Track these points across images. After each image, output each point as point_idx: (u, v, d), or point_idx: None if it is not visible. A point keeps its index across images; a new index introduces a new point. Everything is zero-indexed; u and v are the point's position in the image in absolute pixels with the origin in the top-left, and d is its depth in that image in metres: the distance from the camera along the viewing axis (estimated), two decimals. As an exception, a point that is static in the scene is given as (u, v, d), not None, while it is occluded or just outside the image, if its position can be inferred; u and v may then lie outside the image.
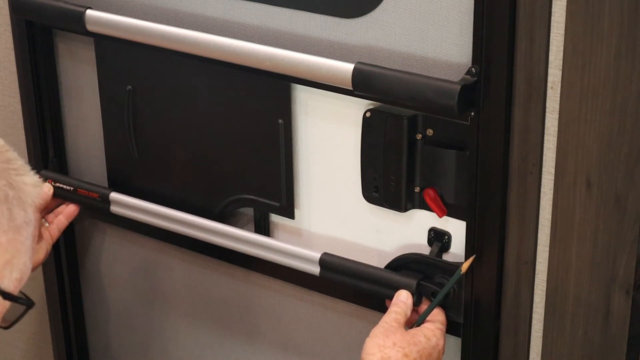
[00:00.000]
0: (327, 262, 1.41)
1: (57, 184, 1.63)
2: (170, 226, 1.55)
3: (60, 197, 1.63)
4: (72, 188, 1.63)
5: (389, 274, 1.37)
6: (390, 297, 1.36)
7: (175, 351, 1.74)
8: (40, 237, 1.58)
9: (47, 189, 1.62)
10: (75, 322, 1.82)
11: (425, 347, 1.28)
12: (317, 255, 1.42)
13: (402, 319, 1.31)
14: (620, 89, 1.15)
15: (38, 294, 1.86)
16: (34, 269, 1.56)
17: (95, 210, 1.63)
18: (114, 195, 1.60)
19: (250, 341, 1.64)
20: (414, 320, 1.34)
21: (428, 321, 1.33)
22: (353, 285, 1.40)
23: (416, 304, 1.35)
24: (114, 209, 1.60)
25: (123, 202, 1.59)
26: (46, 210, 1.63)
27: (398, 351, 1.26)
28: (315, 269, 1.42)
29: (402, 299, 1.34)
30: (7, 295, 1.07)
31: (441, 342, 1.31)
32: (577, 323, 1.28)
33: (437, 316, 1.34)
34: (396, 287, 1.35)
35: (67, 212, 1.64)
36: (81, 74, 1.64)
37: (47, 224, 1.61)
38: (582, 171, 1.21)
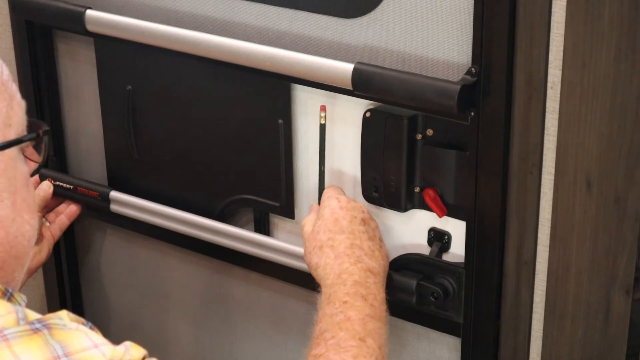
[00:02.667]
0: None
1: (57, 183, 1.63)
2: (170, 225, 1.55)
3: (60, 195, 1.63)
4: (72, 186, 1.63)
5: (389, 274, 1.37)
6: (391, 297, 1.36)
7: (176, 350, 1.74)
8: (41, 236, 1.58)
9: (47, 187, 1.62)
10: (75, 322, 1.82)
11: (329, 220, 1.32)
12: None
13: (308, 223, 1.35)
14: (620, 89, 1.15)
15: (38, 294, 1.86)
16: (36, 268, 1.56)
17: (95, 209, 1.63)
18: (113, 194, 1.60)
19: (250, 341, 1.64)
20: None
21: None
22: None
23: (416, 303, 1.35)
24: (113, 207, 1.60)
25: (123, 201, 1.59)
26: (47, 209, 1.63)
27: (328, 237, 1.30)
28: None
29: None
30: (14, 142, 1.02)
31: (331, 202, 1.33)
32: (577, 323, 1.28)
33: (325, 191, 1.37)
34: (396, 287, 1.35)
35: (69, 211, 1.64)
36: (81, 74, 1.64)
37: (48, 224, 1.61)
38: (582, 171, 1.21)
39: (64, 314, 0.94)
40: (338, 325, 1.20)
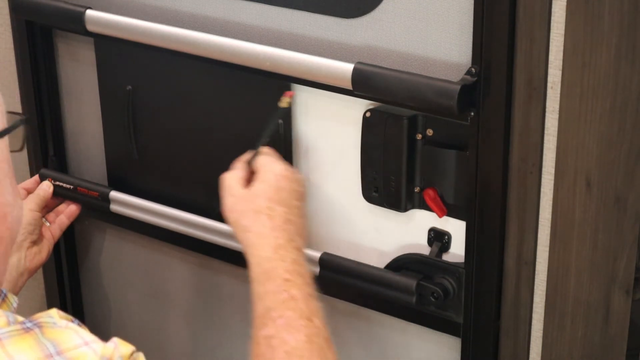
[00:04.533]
0: (327, 262, 1.41)
1: (57, 183, 1.63)
2: (170, 225, 1.55)
3: (60, 195, 1.63)
4: (72, 187, 1.63)
5: (389, 274, 1.37)
6: (390, 297, 1.36)
7: (175, 350, 1.74)
8: (41, 236, 1.58)
9: (47, 187, 1.62)
10: (75, 322, 1.82)
11: (271, 185, 1.29)
12: (317, 255, 1.42)
13: (236, 183, 1.32)
14: (620, 89, 1.15)
15: (38, 294, 1.86)
16: (36, 269, 1.56)
17: (95, 209, 1.63)
18: (113, 194, 1.60)
19: (250, 341, 1.64)
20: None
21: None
22: (353, 285, 1.40)
23: (416, 303, 1.35)
24: (113, 207, 1.60)
25: (123, 201, 1.59)
26: (47, 209, 1.63)
27: (259, 204, 1.28)
28: (315, 269, 1.42)
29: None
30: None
31: (275, 167, 1.31)
32: (577, 323, 1.28)
33: (261, 157, 1.34)
34: (396, 287, 1.35)
35: (69, 211, 1.64)
36: (81, 74, 1.64)
37: (48, 224, 1.61)
38: (582, 171, 1.21)
39: (53, 312, 0.94)
40: (284, 304, 1.19)
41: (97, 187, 1.61)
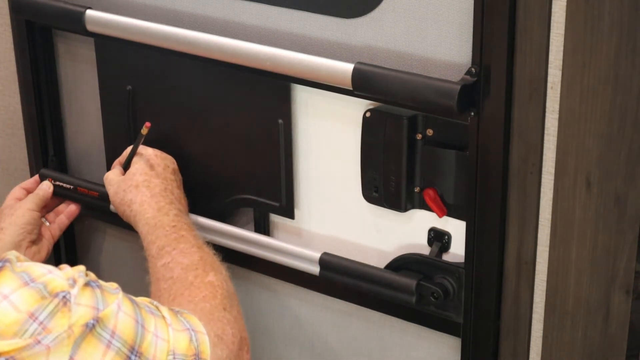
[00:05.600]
0: (327, 262, 1.41)
1: (57, 183, 1.63)
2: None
3: (60, 195, 1.63)
4: (71, 186, 1.63)
5: (389, 274, 1.37)
6: (390, 297, 1.36)
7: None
8: (40, 236, 1.58)
9: (47, 186, 1.62)
10: (75, 322, 1.82)
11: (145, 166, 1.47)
12: (317, 255, 1.42)
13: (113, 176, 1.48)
14: (620, 89, 1.15)
15: (38, 294, 1.86)
16: None
17: (94, 209, 1.63)
18: None
19: (250, 341, 1.64)
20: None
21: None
22: (353, 285, 1.40)
23: (416, 303, 1.35)
24: (113, 207, 1.60)
25: None
26: (46, 209, 1.63)
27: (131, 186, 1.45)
28: (315, 269, 1.42)
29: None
30: None
31: (145, 151, 1.48)
32: (577, 323, 1.28)
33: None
34: (396, 287, 1.35)
35: (69, 211, 1.64)
36: (81, 74, 1.64)
37: (47, 224, 1.61)
38: (582, 171, 1.21)
39: (15, 253, 1.06)
40: (175, 240, 1.36)
41: (97, 187, 1.61)
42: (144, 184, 1.44)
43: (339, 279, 1.41)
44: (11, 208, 1.56)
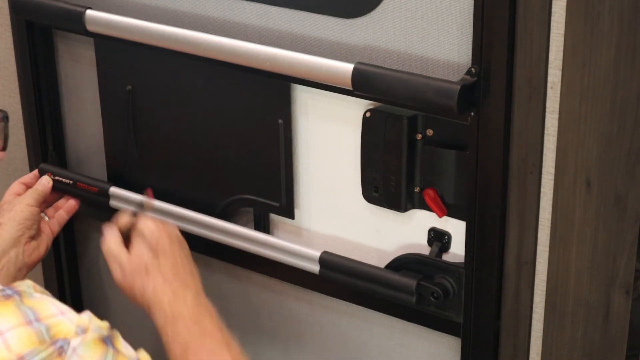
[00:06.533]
0: (327, 261, 1.41)
1: (56, 178, 1.62)
2: (168, 221, 1.53)
3: (59, 190, 1.62)
4: (71, 182, 1.62)
5: (388, 273, 1.37)
6: (390, 297, 1.36)
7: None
8: (39, 231, 1.57)
9: (46, 181, 1.61)
10: (75, 322, 1.82)
11: (151, 242, 1.35)
12: (316, 254, 1.42)
13: (116, 246, 1.37)
14: (620, 89, 1.15)
15: (38, 294, 1.86)
16: (34, 264, 1.55)
17: (94, 204, 1.62)
18: (113, 190, 1.59)
19: (250, 341, 1.64)
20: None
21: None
22: (352, 285, 1.40)
23: (416, 303, 1.35)
24: (113, 203, 1.59)
25: (122, 197, 1.58)
26: (45, 204, 1.62)
27: (140, 267, 1.33)
28: (315, 268, 1.42)
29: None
30: None
31: (146, 223, 1.37)
32: (577, 323, 1.28)
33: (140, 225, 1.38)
34: (396, 287, 1.35)
35: (68, 206, 1.63)
36: (81, 74, 1.64)
37: (47, 219, 1.61)
38: (582, 171, 1.21)
39: (30, 283, 0.98)
40: (200, 336, 1.25)
41: (97, 182, 1.61)
42: (153, 267, 1.33)
43: (339, 277, 1.41)
44: (10, 204, 1.55)
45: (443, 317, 1.37)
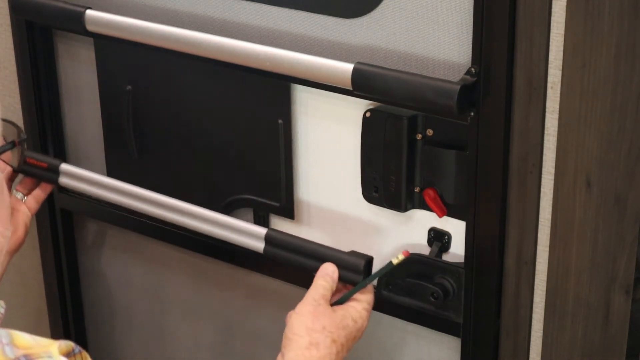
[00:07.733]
0: (273, 238, 1.39)
1: (31, 161, 1.55)
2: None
3: (35, 176, 1.56)
4: (45, 164, 1.55)
5: (336, 252, 1.34)
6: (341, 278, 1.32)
7: (175, 351, 1.74)
8: (14, 211, 1.47)
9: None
10: (75, 322, 1.82)
11: (352, 331, 1.25)
12: (262, 231, 1.40)
13: (328, 295, 1.27)
14: (620, 89, 1.15)
15: (38, 294, 1.86)
16: (15, 248, 1.46)
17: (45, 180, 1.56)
18: (64, 166, 1.55)
19: (250, 341, 1.64)
20: (339, 292, 1.30)
21: (354, 299, 1.28)
22: (297, 262, 1.37)
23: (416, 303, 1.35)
24: (63, 180, 1.55)
25: (74, 174, 1.56)
26: (23, 187, 1.54)
27: (327, 336, 1.22)
28: (260, 245, 1.40)
29: (329, 272, 1.28)
30: None
31: (365, 323, 1.27)
32: (577, 323, 1.28)
33: (365, 295, 1.29)
34: (345, 266, 1.31)
35: (44, 185, 1.55)
36: (81, 74, 1.64)
37: (19, 196, 1.52)
38: (582, 171, 1.21)
39: (54, 350, 0.89)
40: None
41: (46, 158, 1.56)
42: (333, 346, 1.23)
43: (284, 255, 1.38)
44: None
45: (443, 317, 1.37)
